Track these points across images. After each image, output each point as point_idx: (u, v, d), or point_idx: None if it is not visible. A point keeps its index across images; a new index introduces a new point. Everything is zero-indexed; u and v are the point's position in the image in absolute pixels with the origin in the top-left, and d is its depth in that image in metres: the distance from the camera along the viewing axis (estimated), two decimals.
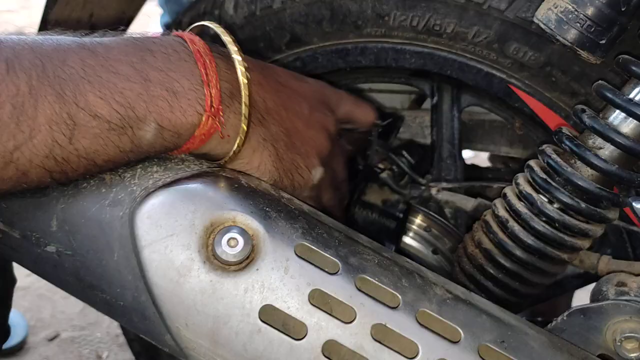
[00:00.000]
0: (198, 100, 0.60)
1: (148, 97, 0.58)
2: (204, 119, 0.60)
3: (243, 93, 0.63)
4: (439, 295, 0.61)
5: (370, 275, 0.60)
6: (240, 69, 0.64)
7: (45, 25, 0.94)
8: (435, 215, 0.94)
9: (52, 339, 1.93)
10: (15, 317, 1.91)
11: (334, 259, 0.60)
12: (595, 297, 0.69)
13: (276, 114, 0.69)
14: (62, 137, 0.54)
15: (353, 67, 0.90)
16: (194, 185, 0.63)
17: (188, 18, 0.96)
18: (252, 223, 0.61)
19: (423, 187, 0.92)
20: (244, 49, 0.93)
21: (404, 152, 0.96)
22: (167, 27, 1.48)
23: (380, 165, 0.94)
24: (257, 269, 0.59)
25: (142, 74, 0.58)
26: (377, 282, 0.60)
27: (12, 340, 1.85)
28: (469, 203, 0.87)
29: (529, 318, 1.01)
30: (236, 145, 0.64)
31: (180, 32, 0.66)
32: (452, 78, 0.86)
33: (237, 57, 0.65)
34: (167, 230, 0.59)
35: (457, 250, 0.83)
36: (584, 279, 0.95)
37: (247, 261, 0.59)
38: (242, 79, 0.63)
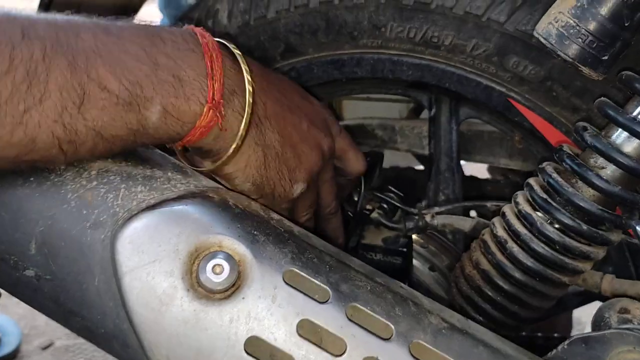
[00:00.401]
0: (201, 90, 0.62)
1: (155, 79, 0.59)
2: (205, 109, 0.62)
3: (247, 90, 0.65)
4: (434, 324, 0.58)
5: (362, 303, 0.58)
6: (244, 67, 0.66)
7: None
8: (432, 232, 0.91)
9: (46, 348, 1.91)
10: (8, 325, 1.89)
11: (324, 286, 0.58)
12: (597, 324, 0.66)
13: (274, 121, 0.69)
14: (72, 104, 0.55)
15: (349, 78, 0.89)
16: (179, 207, 0.60)
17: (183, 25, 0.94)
18: (239, 248, 0.58)
19: (417, 217, 0.89)
20: None
21: (391, 187, 0.93)
22: None
23: (369, 207, 0.92)
24: (244, 298, 0.56)
25: (151, 57, 0.60)
26: (369, 311, 0.57)
27: (5, 349, 1.83)
28: (466, 223, 0.85)
29: (528, 335, 0.99)
30: (235, 144, 0.64)
31: (192, 26, 0.67)
32: (450, 90, 0.84)
33: (240, 59, 0.66)
34: (150, 256, 0.57)
35: (455, 271, 0.81)
36: (584, 297, 0.92)
37: (232, 289, 0.57)
38: (246, 76, 0.65)
